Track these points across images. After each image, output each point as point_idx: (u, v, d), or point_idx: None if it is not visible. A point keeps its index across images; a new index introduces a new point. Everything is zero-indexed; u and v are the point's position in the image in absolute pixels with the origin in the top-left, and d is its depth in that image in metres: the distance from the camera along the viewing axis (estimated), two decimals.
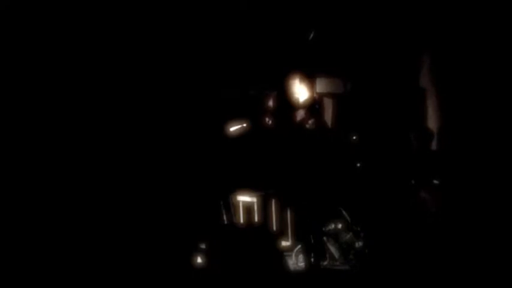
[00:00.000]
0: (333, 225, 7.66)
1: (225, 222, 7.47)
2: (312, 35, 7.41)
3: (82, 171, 7.04)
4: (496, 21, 6.96)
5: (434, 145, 7.39)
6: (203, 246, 7.19)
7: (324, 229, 7.61)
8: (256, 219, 7.53)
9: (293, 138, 7.39)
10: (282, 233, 7.53)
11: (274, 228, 7.55)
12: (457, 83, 7.24)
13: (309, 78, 7.48)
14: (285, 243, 7.75)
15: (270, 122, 7.60)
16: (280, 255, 7.30)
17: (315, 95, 7.58)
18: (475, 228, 6.95)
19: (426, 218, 7.34)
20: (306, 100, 7.48)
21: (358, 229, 7.57)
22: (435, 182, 7.35)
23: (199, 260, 7.12)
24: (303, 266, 7.49)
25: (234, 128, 7.42)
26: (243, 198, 7.59)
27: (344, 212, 7.63)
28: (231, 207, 7.47)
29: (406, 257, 7.06)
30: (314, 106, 7.38)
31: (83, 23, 7.11)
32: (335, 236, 7.61)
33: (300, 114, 7.37)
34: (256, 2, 7.39)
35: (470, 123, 7.18)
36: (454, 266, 6.74)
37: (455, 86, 7.27)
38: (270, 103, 7.64)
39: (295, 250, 7.60)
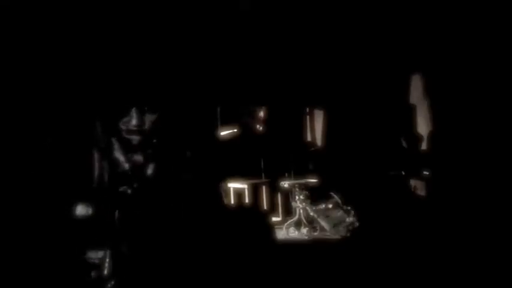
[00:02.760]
0: (323, 205, 7.89)
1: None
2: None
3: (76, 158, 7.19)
4: (478, 46, 7.26)
5: (423, 146, 7.58)
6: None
7: (314, 208, 7.86)
8: (247, 202, 7.74)
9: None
10: (272, 211, 7.79)
11: (265, 207, 7.80)
12: (443, 100, 7.51)
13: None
14: (275, 219, 8.07)
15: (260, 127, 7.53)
16: (271, 228, 7.69)
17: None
18: (456, 205, 7.46)
19: (415, 201, 7.62)
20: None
21: (349, 208, 7.80)
22: (425, 172, 7.56)
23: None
24: (293, 237, 7.85)
25: (225, 133, 7.42)
26: (234, 185, 7.75)
27: (335, 195, 7.81)
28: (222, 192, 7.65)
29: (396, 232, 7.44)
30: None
31: (83, 24, 6.85)
32: (325, 212, 7.88)
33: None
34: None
35: (454, 131, 7.53)
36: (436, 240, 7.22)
37: (441, 102, 7.53)
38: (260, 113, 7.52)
39: (285, 224, 7.94)
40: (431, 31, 7.27)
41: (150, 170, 6.66)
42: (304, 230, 7.88)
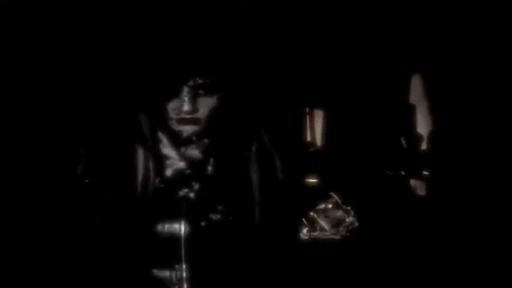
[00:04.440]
0: (323, 205, 7.87)
1: None
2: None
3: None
4: (478, 46, 7.34)
5: (423, 146, 7.61)
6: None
7: (313, 208, 7.84)
8: None
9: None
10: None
11: None
12: (443, 100, 7.59)
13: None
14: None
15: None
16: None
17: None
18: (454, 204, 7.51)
19: (415, 201, 7.65)
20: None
21: (349, 208, 7.79)
22: (425, 172, 7.59)
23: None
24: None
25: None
26: None
27: (335, 195, 7.80)
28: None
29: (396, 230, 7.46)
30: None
31: (83, 24, 6.84)
32: (325, 212, 7.86)
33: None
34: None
35: (454, 131, 7.62)
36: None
37: (441, 102, 7.61)
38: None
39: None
40: (431, 31, 7.30)
41: (211, 168, 5.66)
42: (304, 230, 7.86)
